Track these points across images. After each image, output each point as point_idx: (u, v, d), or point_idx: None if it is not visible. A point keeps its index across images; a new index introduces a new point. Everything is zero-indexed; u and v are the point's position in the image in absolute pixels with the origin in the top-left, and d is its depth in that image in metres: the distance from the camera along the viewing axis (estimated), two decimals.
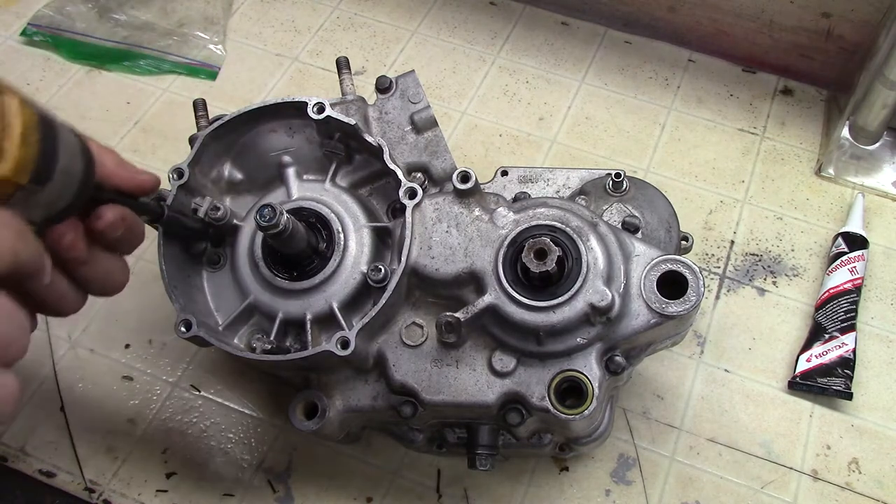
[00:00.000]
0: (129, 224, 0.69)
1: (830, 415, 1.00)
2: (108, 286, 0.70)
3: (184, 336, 0.76)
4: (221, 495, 0.96)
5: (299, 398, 0.80)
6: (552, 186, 0.91)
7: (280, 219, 0.72)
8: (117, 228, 0.67)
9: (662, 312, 0.75)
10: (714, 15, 1.27)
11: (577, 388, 0.75)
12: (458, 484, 0.96)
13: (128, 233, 0.69)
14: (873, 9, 1.14)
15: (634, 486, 0.96)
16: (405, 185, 0.79)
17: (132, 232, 0.70)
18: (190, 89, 1.28)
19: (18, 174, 0.55)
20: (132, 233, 0.70)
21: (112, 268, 0.69)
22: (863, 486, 0.95)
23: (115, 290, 0.71)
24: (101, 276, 0.68)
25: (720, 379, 1.03)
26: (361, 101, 0.88)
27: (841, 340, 1.01)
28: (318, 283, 0.79)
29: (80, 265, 0.66)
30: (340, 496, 0.96)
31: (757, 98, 1.28)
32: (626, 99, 1.28)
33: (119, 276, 0.70)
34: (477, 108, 1.27)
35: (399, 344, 0.80)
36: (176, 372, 1.04)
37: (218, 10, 1.36)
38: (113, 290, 0.70)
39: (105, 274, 0.68)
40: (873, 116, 1.15)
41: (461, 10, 1.38)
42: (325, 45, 1.34)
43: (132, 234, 0.71)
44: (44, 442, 0.99)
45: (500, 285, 0.76)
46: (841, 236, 1.09)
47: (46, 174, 0.57)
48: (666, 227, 0.88)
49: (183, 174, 0.80)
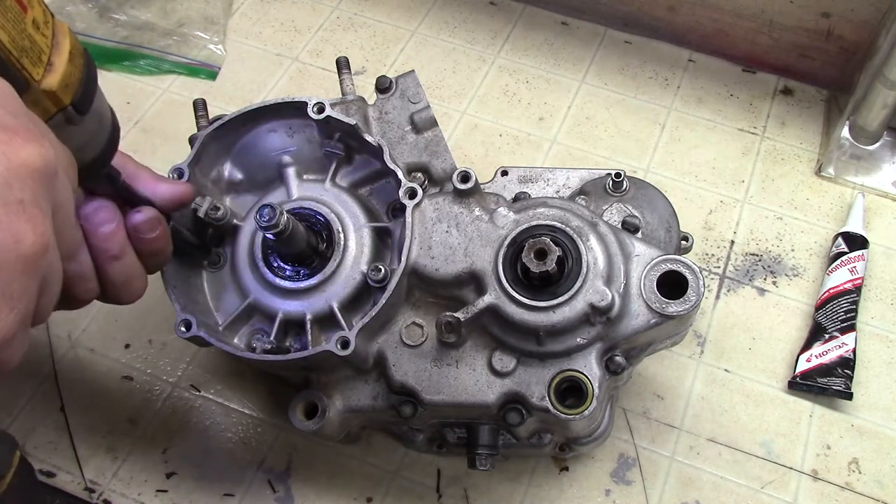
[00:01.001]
0: (164, 232, 0.70)
1: (830, 415, 1.00)
2: (125, 292, 0.69)
3: (184, 336, 0.76)
4: (221, 495, 0.96)
5: (299, 398, 0.80)
6: (552, 186, 0.91)
7: (280, 219, 0.72)
8: (154, 227, 0.68)
9: (662, 312, 0.75)
10: (714, 15, 1.27)
11: (577, 388, 0.75)
12: (458, 484, 0.96)
13: (163, 241, 0.70)
14: (873, 9, 1.14)
15: (634, 486, 0.96)
16: (405, 185, 0.79)
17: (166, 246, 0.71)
18: (190, 89, 1.28)
19: (64, 90, 0.57)
20: (165, 246, 0.71)
21: (137, 274, 0.69)
22: (863, 486, 0.95)
23: (131, 298, 0.70)
24: (124, 279, 0.68)
25: (720, 379, 1.03)
26: (361, 101, 0.88)
27: (841, 340, 1.01)
28: (318, 283, 0.79)
29: (110, 260, 0.66)
30: (340, 496, 0.96)
31: (757, 98, 1.28)
32: (626, 99, 1.28)
33: (139, 284, 0.70)
34: (477, 108, 1.27)
35: (399, 344, 0.80)
36: (176, 372, 1.04)
37: (218, 10, 1.36)
38: (129, 297, 0.70)
39: (128, 278, 0.68)
40: (873, 116, 1.15)
41: (461, 10, 1.38)
42: (325, 45, 1.34)
43: (165, 248, 0.71)
44: (44, 442, 0.99)
45: (500, 285, 0.76)
46: (841, 236, 1.09)
47: (86, 102, 0.60)
48: (666, 227, 0.88)
49: (183, 174, 0.81)
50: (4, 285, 0.46)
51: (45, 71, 0.56)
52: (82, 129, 0.61)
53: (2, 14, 0.51)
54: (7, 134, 0.47)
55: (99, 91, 0.63)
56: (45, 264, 0.49)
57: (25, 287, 0.48)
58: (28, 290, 0.48)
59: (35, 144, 0.48)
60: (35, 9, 0.55)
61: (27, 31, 0.54)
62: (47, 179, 0.49)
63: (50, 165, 0.49)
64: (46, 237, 0.49)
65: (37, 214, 0.48)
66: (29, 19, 0.54)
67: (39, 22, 0.56)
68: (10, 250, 0.46)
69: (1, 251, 0.45)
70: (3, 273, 0.46)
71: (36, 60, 0.55)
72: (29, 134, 0.48)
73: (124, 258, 0.67)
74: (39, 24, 0.55)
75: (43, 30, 0.56)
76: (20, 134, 0.48)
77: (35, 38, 0.55)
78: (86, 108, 0.60)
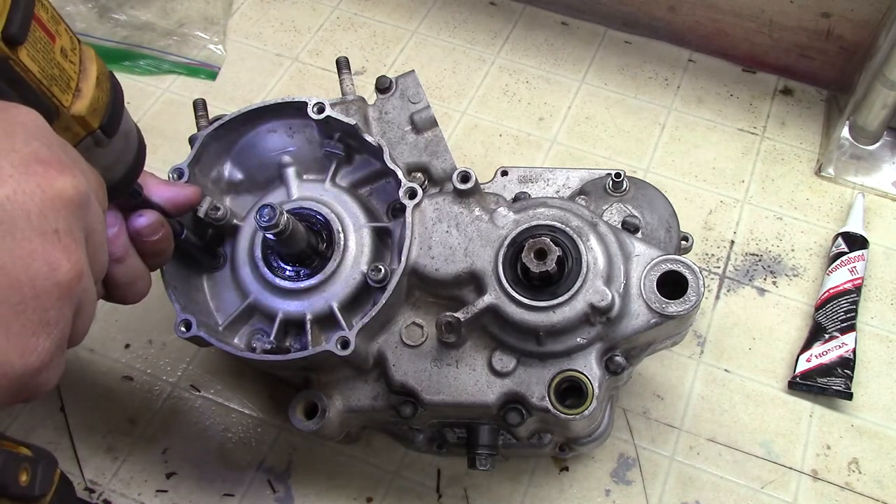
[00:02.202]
0: (167, 234, 0.71)
1: (830, 415, 1.00)
2: (130, 293, 0.70)
3: (184, 336, 0.76)
4: (221, 495, 0.96)
5: (299, 398, 0.80)
6: (552, 186, 0.91)
7: (280, 219, 0.72)
8: (157, 230, 0.69)
9: (662, 312, 0.75)
10: (714, 15, 1.27)
11: (577, 388, 0.75)
12: (458, 484, 0.96)
13: (165, 242, 0.71)
14: (873, 9, 1.14)
15: (634, 486, 0.96)
16: (405, 185, 0.79)
17: (168, 247, 0.72)
18: (190, 89, 1.28)
19: (92, 115, 0.58)
20: (168, 247, 0.72)
21: (140, 275, 0.70)
22: (863, 486, 0.95)
23: (135, 298, 0.71)
24: (128, 280, 0.69)
25: (720, 379, 1.03)
26: (361, 101, 0.88)
27: (841, 340, 1.01)
28: (318, 283, 0.79)
29: (114, 263, 0.67)
30: (340, 496, 0.96)
31: (757, 98, 1.28)
32: (626, 99, 1.28)
33: (143, 285, 0.71)
34: (477, 108, 1.27)
35: (399, 344, 0.80)
36: (176, 372, 1.04)
37: (218, 10, 1.36)
38: (133, 298, 0.71)
39: (132, 279, 0.69)
40: (873, 116, 1.15)
41: (461, 10, 1.38)
42: (325, 45, 1.34)
43: (167, 249, 0.72)
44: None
45: (500, 285, 0.76)
46: (841, 236, 1.09)
47: (114, 125, 0.61)
48: (666, 227, 0.88)
49: (183, 174, 0.81)
50: (42, 312, 0.48)
51: (73, 97, 0.57)
52: (110, 151, 0.62)
53: (32, 45, 0.52)
54: (42, 166, 0.48)
55: (126, 112, 0.64)
56: (80, 290, 0.51)
57: (61, 314, 0.50)
58: (63, 316, 0.50)
59: (68, 175, 0.50)
60: (63, 37, 0.57)
61: (56, 60, 0.55)
62: (80, 208, 0.51)
63: (83, 194, 0.51)
64: (81, 265, 0.50)
65: (70, 243, 0.50)
66: (57, 48, 0.55)
67: (67, 50, 0.57)
68: (47, 278, 0.48)
69: (38, 279, 0.47)
70: (40, 301, 0.48)
71: (65, 87, 0.56)
72: (62, 165, 0.50)
73: (127, 260, 0.68)
74: (67, 52, 0.57)
75: (70, 57, 0.57)
76: (54, 166, 0.49)
77: (64, 66, 0.56)
78: (113, 130, 0.61)
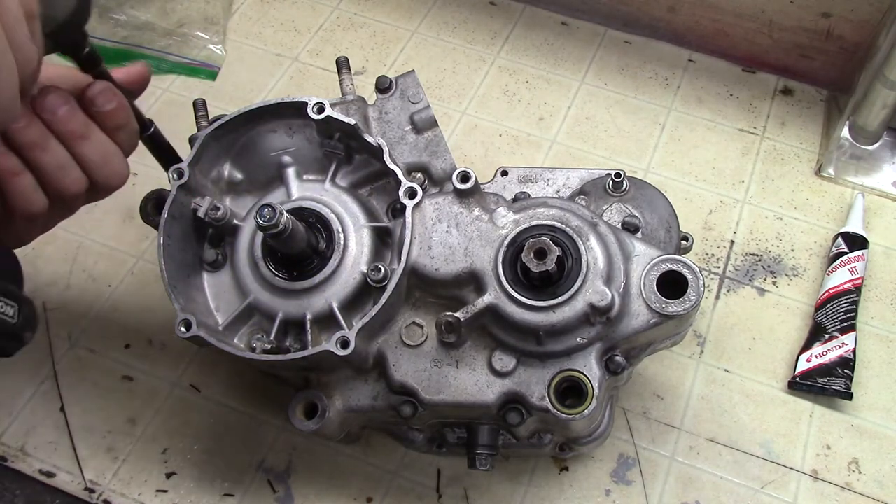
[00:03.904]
0: (122, 104, 0.71)
1: (830, 415, 1.00)
2: (108, 172, 0.71)
3: (184, 336, 0.76)
4: (221, 495, 0.96)
5: (299, 398, 0.80)
6: (552, 186, 0.91)
7: (280, 219, 0.72)
8: (110, 98, 0.70)
9: (662, 312, 0.75)
10: (714, 15, 1.27)
11: (577, 387, 0.75)
12: (458, 484, 0.96)
13: (123, 112, 0.71)
14: (873, 9, 1.14)
15: (634, 486, 0.96)
16: (405, 185, 0.79)
17: (128, 118, 0.72)
18: (190, 89, 1.28)
19: None
20: (128, 119, 0.73)
21: (111, 151, 0.71)
22: (863, 486, 0.95)
23: (116, 178, 0.72)
24: (100, 157, 0.70)
25: (720, 379, 1.03)
26: (361, 101, 0.88)
27: (841, 340, 1.01)
28: (318, 283, 0.79)
29: (78, 139, 0.68)
30: (340, 496, 0.96)
31: (757, 98, 1.28)
32: (626, 99, 1.28)
33: (118, 163, 0.72)
34: (477, 108, 1.27)
35: (399, 344, 0.80)
36: (176, 372, 1.04)
37: (218, 10, 1.36)
38: (114, 176, 0.72)
39: (104, 156, 0.70)
40: (873, 116, 1.15)
41: (461, 10, 1.38)
42: (325, 45, 1.34)
43: (128, 121, 0.73)
44: (44, 442, 0.99)
45: (500, 285, 0.76)
46: (841, 236, 1.09)
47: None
48: (666, 227, 0.88)
49: (183, 174, 0.80)
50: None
51: None
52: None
53: None
54: None
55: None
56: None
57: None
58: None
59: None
60: None
61: None
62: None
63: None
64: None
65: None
66: None
67: None
68: None
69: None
70: None
71: None
72: None
73: (92, 135, 0.69)
74: None
75: None
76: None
77: None
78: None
